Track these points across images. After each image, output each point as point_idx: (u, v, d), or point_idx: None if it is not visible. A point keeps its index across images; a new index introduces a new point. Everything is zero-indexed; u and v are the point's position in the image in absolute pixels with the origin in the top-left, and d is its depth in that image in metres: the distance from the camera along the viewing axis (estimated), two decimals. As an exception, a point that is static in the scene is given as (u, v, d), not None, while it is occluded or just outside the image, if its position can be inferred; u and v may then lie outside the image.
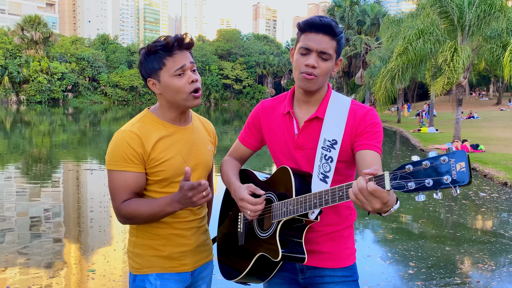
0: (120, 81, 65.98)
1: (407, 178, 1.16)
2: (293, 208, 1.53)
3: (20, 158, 13.28)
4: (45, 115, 37.18)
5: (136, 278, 1.78)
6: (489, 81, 54.61)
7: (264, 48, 75.87)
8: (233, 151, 1.95)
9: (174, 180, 1.73)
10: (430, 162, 1.13)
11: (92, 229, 6.23)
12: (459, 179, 1.08)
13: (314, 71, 1.59)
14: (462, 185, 1.09)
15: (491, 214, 7.36)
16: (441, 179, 1.10)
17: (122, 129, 1.70)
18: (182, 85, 1.66)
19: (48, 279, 4.35)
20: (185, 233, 1.79)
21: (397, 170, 1.19)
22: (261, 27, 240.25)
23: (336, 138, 1.62)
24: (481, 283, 4.44)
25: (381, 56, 30.93)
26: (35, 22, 58.68)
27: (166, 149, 1.71)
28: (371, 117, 1.64)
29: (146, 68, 1.69)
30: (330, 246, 1.71)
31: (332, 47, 1.60)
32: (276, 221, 1.60)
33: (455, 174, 1.09)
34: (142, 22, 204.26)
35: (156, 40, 1.69)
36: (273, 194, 1.67)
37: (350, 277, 1.72)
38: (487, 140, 17.26)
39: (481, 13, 14.92)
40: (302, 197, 1.51)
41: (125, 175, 1.65)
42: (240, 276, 1.74)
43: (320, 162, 1.61)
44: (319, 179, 1.60)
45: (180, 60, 1.65)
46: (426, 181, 1.12)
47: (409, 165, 1.17)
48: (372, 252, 5.38)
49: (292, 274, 1.77)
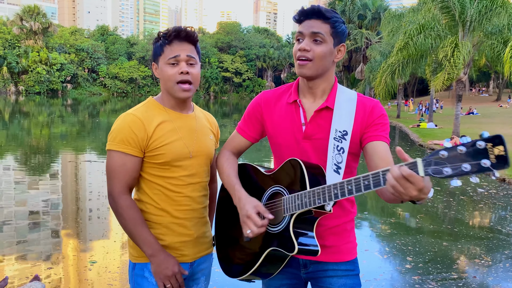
0: (119, 72, 65.73)
1: (442, 164, 1.16)
2: (309, 200, 1.50)
3: (19, 149, 13.26)
4: (43, 106, 37.08)
5: (135, 267, 1.80)
6: (489, 77, 54.54)
7: (264, 41, 75.52)
8: (230, 143, 1.88)
9: (174, 164, 1.75)
10: (466, 147, 1.12)
11: (91, 220, 6.24)
12: (498, 163, 1.07)
13: (307, 54, 1.59)
14: (502, 168, 1.07)
15: (488, 210, 7.39)
16: (479, 163, 1.09)
17: (127, 112, 1.76)
18: (171, 74, 1.73)
19: (47, 270, 4.36)
20: (186, 223, 1.80)
21: (431, 156, 1.18)
22: (262, 20, 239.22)
23: (346, 129, 1.62)
24: (477, 278, 4.46)
25: (381, 51, 30.83)
26: (34, 12, 58.31)
27: (167, 133, 1.75)
28: (380, 109, 1.66)
29: (152, 53, 1.81)
30: (333, 240, 1.70)
31: (325, 31, 1.60)
32: (289, 214, 1.57)
33: (494, 158, 1.08)
34: (142, 14, 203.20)
35: (166, 29, 1.80)
36: (282, 188, 1.63)
37: (353, 271, 1.73)
38: (486, 136, 17.24)
39: (482, 9, 14.87)
40: (320, 189, 1.47)
41: (124, 158, 1.70)
42: (248, 273, 1.70)
43: (333, 153, 1.60)
44: (332, 170, 1.58)
45: (176, 50, 1.72)
46: (463, 165, 1.11)
47: (443, 152, 1.16)
48: (370, 247, 5.40)
49: (295, 269, 1.75)
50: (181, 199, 1.78)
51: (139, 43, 71.60)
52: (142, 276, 1.77)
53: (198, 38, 1.79)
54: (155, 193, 1.77)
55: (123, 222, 1.71)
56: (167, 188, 1.76)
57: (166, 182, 1.76)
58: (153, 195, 1.77)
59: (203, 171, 1.86)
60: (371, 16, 48.34)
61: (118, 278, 4.18)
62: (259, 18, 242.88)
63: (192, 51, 1.76)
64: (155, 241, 1.71)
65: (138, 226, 1.70)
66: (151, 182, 1.77)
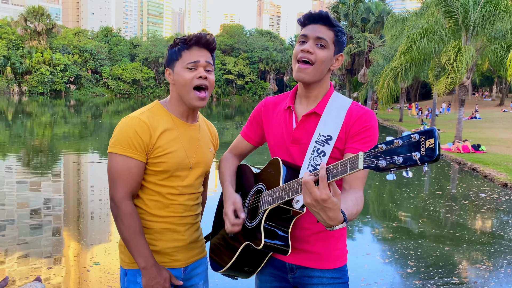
0: (123, 74, 65.89)
1: (379, 157, 1.16)
2: (278, 195, 1.53)
3: (21, 149, 13.29)
4: (46, 107, 37.18)
5: (127, 273, 1.78)
6: (492, 82, 54.41)
7: (267, 44, 75.64)
8: (234, 146, 1.97)
9: (174, 174, 1.74)
10: (402, 140, 1.13)
11: (93, 220, 6.24)
12: (427, 155, 1.07)
13: (309, 56, 1.61)
14: (430, 161, 1.08)
15: (490, 215, 7.36)
16: (410, 156, 1.10)
17: (131, 115, 1.72)
18: (189, 78, 1.70)
19: (46, 270, 4.36)
20: (179, 228, 1.79)
21: (371, 149, 1.19)
22: (265, 22, 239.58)
23: (331, 134, 1.62)
24: (478, 283, 4.44)
25: (384, 55, 30.84)
26: (38, 13, 58.58)
27: (171, 141, 1.73)
28: (366, 119, 1.63)
29: (167, 58, 1.79)
30: (320, 246, 1.69)
31: (329, 37, 1.63)
32: (263, 209, 1.60)
33: (424, 150, 1.08)
34: (146, 15, 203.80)
35: (183, 36, 1.79)
36: (263, 185, 1.68)
37: (339, 279, 1.71)
38: (488, 141, 17.23)
39: (486, 13, 14.85)
40: (287, 185, 1.50)
41: (129, 162, 1.67)
42: (225, 267, 1.74)
43: (312, 155, 1.62)
44: (308, 170, 1.59)
45: (195, 55, 1.72)
46: (396, 158, 1.12)
47: (382, 144, 1.17)
48: (372, 250, 5.38)
49: (282, 272, 1.76)
50: (175, 206, 1.77)
51: (143, 44, 71.80)
52: (135, 282, 1.75)
53: (216, 46, 1.80)
54: (149, 199, 1.75)
55: (122, 229, 1.68)
56: (163, 195, 1.75)
57: (163, 190, 1.75)
58: (147, 200, 1.75)
59: (199, 183, 1.86)
60: (374, 20, 48.30)
61: (117, 280, 4.18)
62: (263, 20, 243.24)
63: (210, 58, 1.76)
64: (149, 254, 1.69)
65: (136, 236, 1.67)
66: (148, 189, 1.75)
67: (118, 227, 1.70)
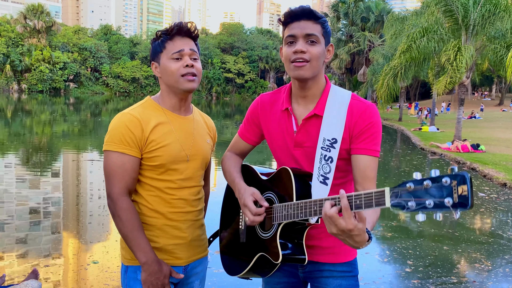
0: (122, 72, 65.84)
1: (408, 197, 1.13)
2: (293, 212, 1.49)
3: (20, 147, 13.28)
4: (46, 105, 37.15)
5: (128, 269, 1.77)
6: (492, 82, 54.45)
7: (267, 43, 75.57)
8: (233, 146, 1.92)
9: (171, 167, 1.73)
10: (432, 182, 1.10)
11: (92, 218, 6.24)
12: (460, 203, 1.04)
13: (304, 55, 1.54)
14: (463, 210, 1.05)
15: (489, 214, 7.36)
16: (443, 202, 1.07)
17: (123, 112, 1.73)
18: (176, 68, 1.70)
19: (44, 268, 4.36)
20: (180, 225, 1.78)
21: (398, 187, 1.16)
22: (265, 21, 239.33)
23: (335, 136, 1.58)
24: (477, 282, 4.44)
25: (384, 54, 30.84)
26: (38, 11, 58.50)
27: (164, 135, 1.72)
28: (368, 116, 1.59)
29: (151, 52, 1.78)
30: (330, 241, 1.69)
31: (318, 31, 1.56)
32: (277, 223, 1.57)
33: (457, 197, 1.05)
34: (145, 14, 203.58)
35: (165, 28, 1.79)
36: (273, 195, 1.64)
37: (350, 272, 1.72)
38: (488, 141, 17.24)
39: (485, 13, 14.86)
40: (303, 203, 1.46)
41: (123, 158, 1.67)
42: (242, 273, 1.74)
43: (320, 164, 1.58)
44: (319, 181, 1.56)
45: (179, 45, 1.72)
46: (427, 202, 1.09)
47: (410, 183, 1.14)
48: (370, 250, 5.38)
49: (292, 268, 1.76)
50: (175, 201, 1.75)
51: (142, 43, 71.76)
52: (135, 279, 1.74)
53: (198, 34, 1.79)
54: (149, 195, 1.74)
55: (120, 225, 1.67)
56: (161, 190, 1.74)
57: (161, 184, 1.74)
58: (147, 196, 1.74)
59: (199, 176, 1.84)
60: (374, 19, 48.30)
61: (115, 278, 4.17)
62: (262, 19, 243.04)
63: (194, 47, 1.75)
64: (150, 249, 1.67)
65: (135, 231, 1.66)
66: (146, 184, 1.74)
67: (116, 223, 1.69)
